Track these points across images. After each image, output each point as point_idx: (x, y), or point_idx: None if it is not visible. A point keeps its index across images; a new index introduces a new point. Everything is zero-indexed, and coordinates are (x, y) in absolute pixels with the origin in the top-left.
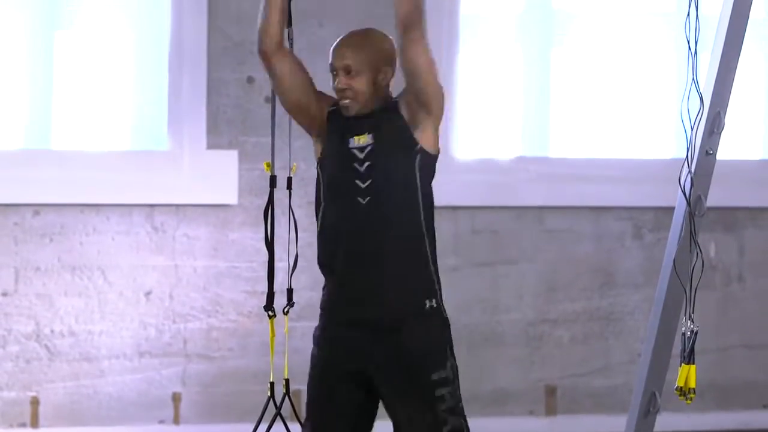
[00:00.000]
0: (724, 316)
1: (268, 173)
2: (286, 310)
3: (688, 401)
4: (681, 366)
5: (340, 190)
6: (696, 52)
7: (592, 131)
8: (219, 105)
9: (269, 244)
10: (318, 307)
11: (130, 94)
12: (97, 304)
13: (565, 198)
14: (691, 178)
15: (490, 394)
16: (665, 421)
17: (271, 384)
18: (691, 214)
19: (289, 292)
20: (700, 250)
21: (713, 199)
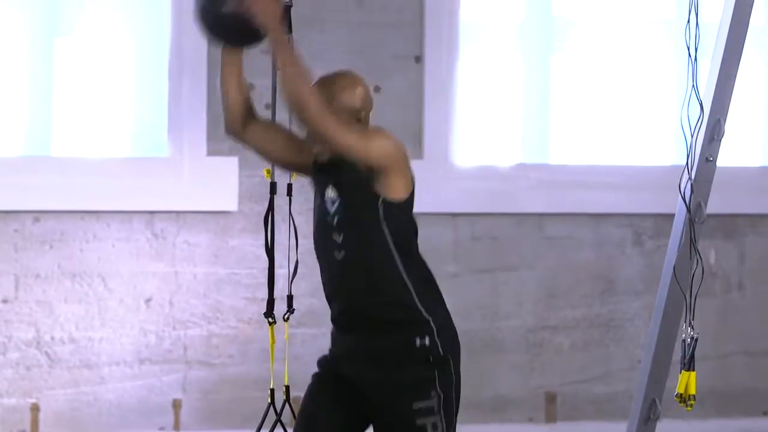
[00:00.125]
0: (724, 323)
1: (269, 180)
2: (286, 317)
3: (689, 408)
4: (681, 373)
5: (320, 245)
6: (696, 59)
7: (592, 138)
8: (219, 111)
9: (269, 251)
10: (318, 313)
11: (130, 101)
12: (98, 310)
13: (565, 205)
14: (691, 185)
15: (490, 401)
16: (665, 428)
17: (272, 391)
18: (691, 221)
19: (290, 298)
20: (700, 257)
21: (713, 206)
